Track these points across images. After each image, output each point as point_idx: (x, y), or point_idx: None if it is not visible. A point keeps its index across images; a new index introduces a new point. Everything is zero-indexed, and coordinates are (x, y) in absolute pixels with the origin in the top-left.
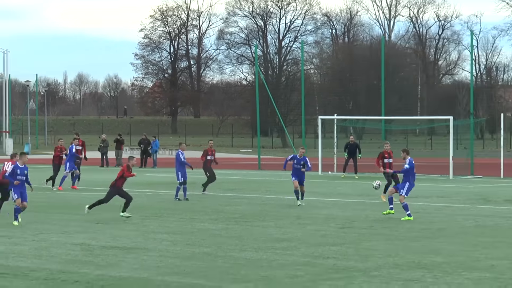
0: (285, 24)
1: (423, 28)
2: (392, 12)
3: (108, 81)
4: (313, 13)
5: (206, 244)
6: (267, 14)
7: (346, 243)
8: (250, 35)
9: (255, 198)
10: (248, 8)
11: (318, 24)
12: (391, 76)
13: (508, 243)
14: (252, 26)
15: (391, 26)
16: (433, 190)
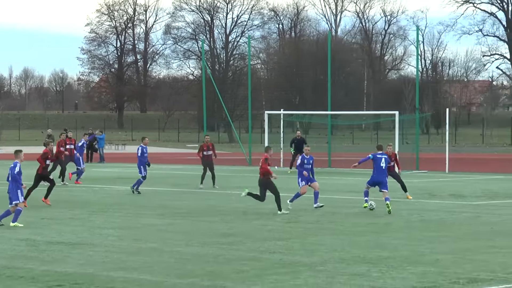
0: (232, 19)
1: (370, 23)
2: (338, 7)
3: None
4: (260, 8)
5: (152, 239)
6: (214, 8)
7: (292, 237)
8: (197, 30)
9: (202, 193)
10: (195, 3)
11: (265, 19)
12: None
13: (452, 237)
14: (199, 21)
15: (337, 21)
16: None
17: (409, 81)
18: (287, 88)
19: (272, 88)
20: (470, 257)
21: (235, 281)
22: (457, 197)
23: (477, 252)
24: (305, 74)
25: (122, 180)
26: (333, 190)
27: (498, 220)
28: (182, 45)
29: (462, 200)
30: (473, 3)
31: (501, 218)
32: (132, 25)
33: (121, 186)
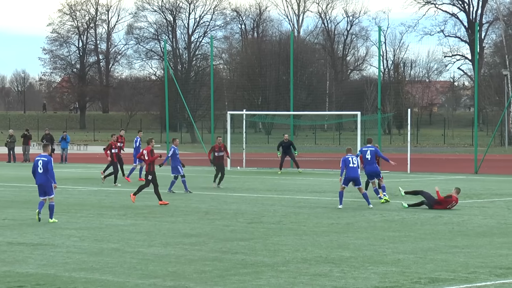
0: (195, 19)
1: (332, 24)
2: (301, 7)
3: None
4: (223, 8)
5: (114, 240)
6: (176, 9)
7: (254, 238)
8: (160, 30)
9: (164, 194)
10: (157, 3)
11: (227, 19)
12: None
13: (414, 237)
14: (162, 21)
15: (300, 22)
16: None
17: (371, 82)
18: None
19: (235, 88)
20: (432, 257)
21: (197, 282)
22: (419, 197)
23: (438, 252)
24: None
25: (84, 180)
26: (295, 190)
27: (459, 220)
28: (145, 45)
29: None
30: (434, 4)
31: (462, 218)
32: (94, 25)
33: (83, 187)
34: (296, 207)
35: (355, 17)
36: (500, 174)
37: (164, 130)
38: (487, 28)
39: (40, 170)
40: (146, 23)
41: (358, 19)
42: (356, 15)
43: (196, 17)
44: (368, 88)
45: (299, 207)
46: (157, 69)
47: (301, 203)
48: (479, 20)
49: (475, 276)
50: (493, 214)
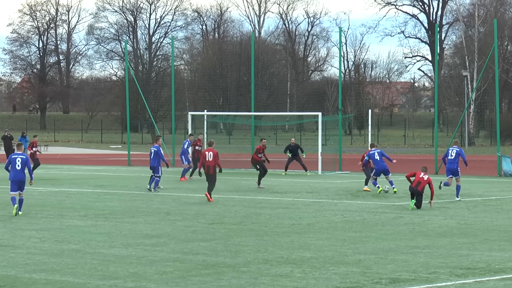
0: (156, 19)
1: (293, 24)
2: (262, 8)
3: None
4: (184, 9)
5: (74, 241)
6: (137, 9)
7: (215, 239)
8: (120, 30)
9: (125, 194)
10: (118, 4)
11: (188, 20)
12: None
13: (375, 237)
14: (122, 22)
15: (261, 23)
16: (302, 185)
17: (332, 82)
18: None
19: (196, 89)
20: (392, 257)
21: (158, 283)
22: (379, 198)
23: (399, 252)
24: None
25: (45, 181)
26: (256, 191)
27: (420, 220)
28: (105, 45)
29: (384, 200)
30: (395, 5)
31: (422, 219)
32: (55, 25)
33: (44, 188)
34: (257, 207)
35: (316, 18)
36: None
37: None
38: (447, 29)
39: (18, 167)
40: (107, 24)
41: (319, 20)
42: (317, 16)
43: (157, 18)
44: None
45: (261, 208)
46: (118, 70)
47: (262, 203)
48: (439, 21)
49: (436, 276)
50: (454, 214)
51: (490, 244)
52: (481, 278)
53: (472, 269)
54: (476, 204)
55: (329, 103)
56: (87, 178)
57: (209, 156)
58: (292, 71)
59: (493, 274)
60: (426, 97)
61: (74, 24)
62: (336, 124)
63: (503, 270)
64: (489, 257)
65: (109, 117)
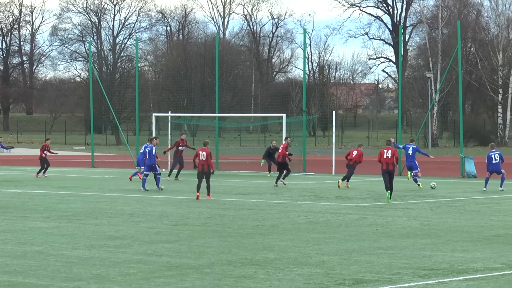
0: (120, 20)
1: (257, 26)
2: (226, 9)
3: None
4: (148, 10)
5: (37, 243)
6: (101, 10)
7: (179, 240)
8: (84, 31)
9: (89, 196)
10: (82, 4)
11: (152, 21)
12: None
13: (338, 239)
14: (86, 23)
15: (225, 24)
16: (266, 187)
17: (297, 84)
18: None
19: (160, 90)
20: (356, 258)
21: (122, 284)
22: (343, 199)
23: (362, 253)
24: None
25: (8, 183)
26: (220, 192)
27: (383, 221)
28: (69, 46)
29: (348, 201)
30: (359, 6)
31: (386, 220)
32: (18, 26)
33: (7, 189)
34: (221, 209)
35: (281, 20)
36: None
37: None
38: (411, 31)
39: None
40: (71, 25)
41: (284, 22)
42: (281, 17)
43: (121, 19)
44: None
45: (224, 209)
46: (82, 71)
47: (226, 205)
48: (403, 23)
49: (399, 277)
50: (417, 215)
51: (453, 245)
52: (444, 279)
53: (435, 269)
54: (439, 205)
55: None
56: (50, 179)
57: (203, 156)
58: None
59: (456, 275)
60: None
61: (37, 25)
62: (300, 125)
63: (466, 270)
64: (452, 258)
65: (72, 118)
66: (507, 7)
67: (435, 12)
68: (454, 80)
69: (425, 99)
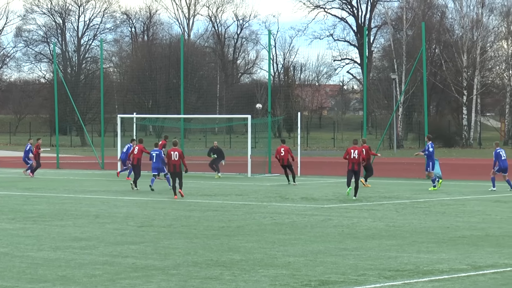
0: (84, 22)
1: (222, 27)
2: (191, 11)
3: None
4: (113, 11)
5: (3, 244)
6: (65, 11)
7: (145, 241)
8: (49, 32)
9: (54, 197)
10: (46, 6)
11: (117, 22)
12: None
13: (304, 240)
14: (51, 24)
15: (190, 25)
16: (232, 188)
17: (262, 85)
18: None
19: (125, 91)
20: (322, 259)
21: (87, 286)
22: (309, 200)
23: (328, 254)
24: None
25: None
26: (186, 193)
27: (349, 222)
28: (34, 48)
29: (313, 203)
30: (324, 8)
31: (351, 221)
32: None
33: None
34: (186, 210)
35: (245, 21)
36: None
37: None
38: (376, 33)
39: None
40: (35, 26)
41: (248, 23)
42: (246, 18)
43: (85, 20)
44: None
45: (190, 210)
46: (47, 72)
47: (191, 206)
48: (367, 25)
49: (365, 279)
50: (382, 216)
51: (418, 246)
52: (410, 280)
53: (400, 271)
54: (404, 207)
55: None
56: (15, 181)
57: (175, 156)
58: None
59: (422, 276)
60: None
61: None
62: (265, 127)
63: (431, 271)
64: (417, 259)
65: (37, 119)
66: (471, 8)
67: (399, 13)
68: (419, 81)
69: (390, 100)
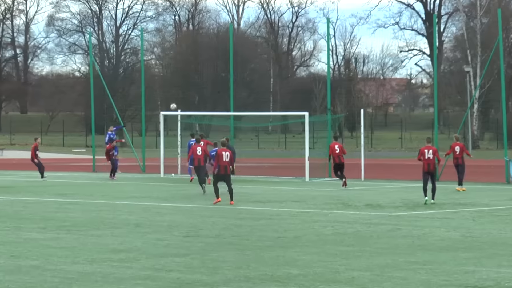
0: (123, 9)
1: (275, 15)
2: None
3: None
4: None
5: (33, 256)
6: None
7: (191, 253)
8: (84, 21)
9: (89, 204)
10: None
11: (159, 9)
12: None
13: (369, 252)
14: (86, 12)
15: (240, 13)
16: (288, 193)
17: (320, 79)
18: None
19: (168, 86)
20: (389, 274)
21: None
22: (374, 208)
23: (397, 269)
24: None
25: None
26: (236, 199)
27: (420, 233)
28: (67, 38)
29: (379, 210)
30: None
31: (423, 231)
32: (11, 15)
33: None
34: (237, 218)
35: (301, 8)
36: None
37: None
38: (446, 20)
39: None
40: (69, 14)
41: (304, 10)
42: (302, 5)
43: (124, 7)
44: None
45: (241, 219)
46: (82, 65)
47: (242, 214)
48: (437, 12)
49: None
50: (457, 226)
51: (499, 259)
52: None
53: (479, 287)
54: (482, 215)
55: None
56: (47, 185)
57: (226, 157)
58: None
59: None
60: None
61: (32, 15)
62: (324, 125)
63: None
64: (497, 274)
65: (71, 117)
66: None
67: None
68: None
69: (463, 96)
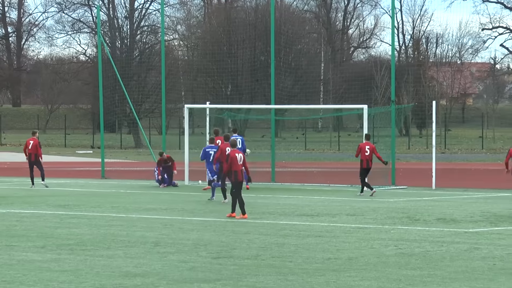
0: None
1: None
2: None
3: None
4: None
5: (29, 282)
6: None
7: (222, 278)
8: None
9: (97, 218)
10: None
11: None
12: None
13: (441, 277)
14: None
15: None
16: (342, 205)
17: (383, 64)
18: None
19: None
20: None
21: None
22: (447, 222)
23: None
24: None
25: None
26: (278, 213)
27: (503, 253)
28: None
29: (454, 226)
30: None
31: (506, 251)
32: None
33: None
34: (279, 235)
35: None
36: None
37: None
38: None
39: None
40: None
41: None
42: None
43: None
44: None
45: (283, 236)
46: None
47: (285, 230)
48: None
49: None
50: None
51: None
52: None
53: None
54: None
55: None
56: (45, 195)
57: (239, 159)
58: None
59: None
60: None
61: None
62: (387, 121)
63: None
64: None
65: (75, 111)
66: None
67: None
68: None
69: None
